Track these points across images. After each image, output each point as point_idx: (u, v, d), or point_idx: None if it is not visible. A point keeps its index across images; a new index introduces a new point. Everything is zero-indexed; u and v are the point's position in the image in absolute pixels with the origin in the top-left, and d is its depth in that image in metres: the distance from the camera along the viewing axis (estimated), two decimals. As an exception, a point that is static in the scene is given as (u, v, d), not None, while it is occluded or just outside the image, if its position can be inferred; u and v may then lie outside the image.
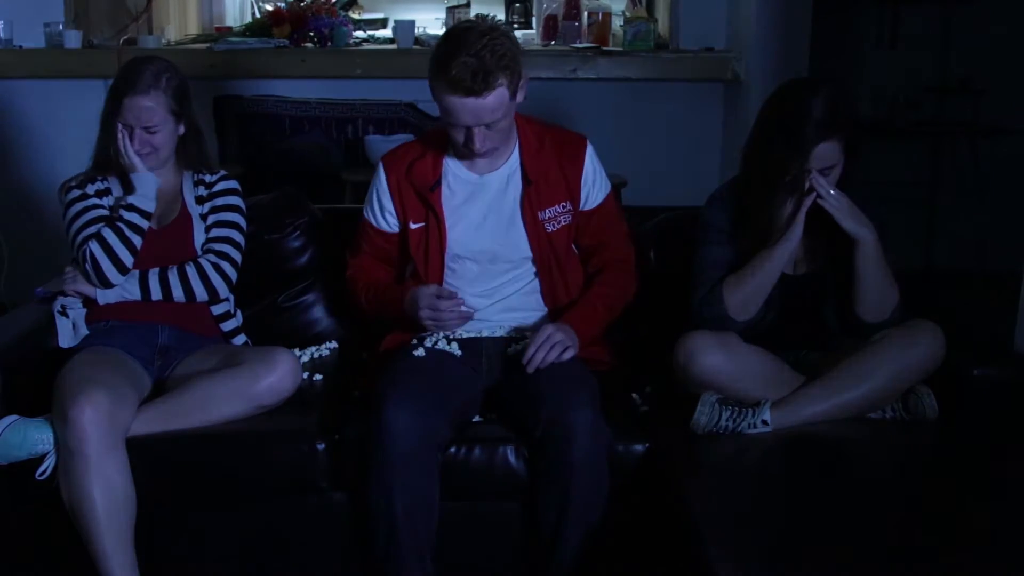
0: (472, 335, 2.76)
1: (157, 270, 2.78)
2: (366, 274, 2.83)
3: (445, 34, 2.64)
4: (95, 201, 2.83)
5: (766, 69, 4.25)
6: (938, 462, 2.48)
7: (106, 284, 2.74)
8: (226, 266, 2.83)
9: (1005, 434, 2.58)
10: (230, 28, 5.31)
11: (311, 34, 4.73)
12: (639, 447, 2.57)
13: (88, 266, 2.73)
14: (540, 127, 2.79)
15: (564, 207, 2.75)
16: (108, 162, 2.83)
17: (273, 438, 2.58)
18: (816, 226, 2.61)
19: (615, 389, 2.66)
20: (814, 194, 2.56)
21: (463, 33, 2.54)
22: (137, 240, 2.75)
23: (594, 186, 2.78)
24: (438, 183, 2.73)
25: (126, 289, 2.77)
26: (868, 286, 2.62)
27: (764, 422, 2.51)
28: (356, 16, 5.43)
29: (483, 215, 2.75)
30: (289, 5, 4.99)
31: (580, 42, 4.84)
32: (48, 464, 2.45)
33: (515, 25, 5.53)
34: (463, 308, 2.66)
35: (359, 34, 5.19)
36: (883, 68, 5.42)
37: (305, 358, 2.98)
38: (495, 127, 2.57)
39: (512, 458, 2.54)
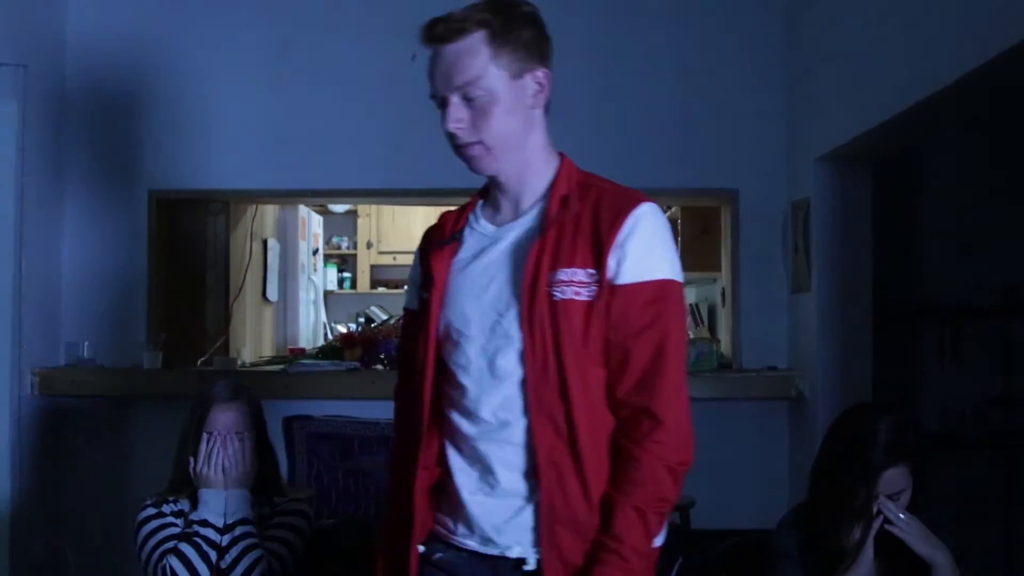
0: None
1: None
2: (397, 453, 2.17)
3: None
4: (171, 520, 2.87)
5: (830, 386, 4.28)
6: None
7: None
8: None
9: None
10: (303, 350, 5.49)
11: (381, 356, 4.85)
12: None
13: None
14: (600, 178, 2.03)
15: (590, 275, 1.91)
16: (184, 482, 2.88)
17: None
18: (890, 549, 2.56)
19: None
20: (882, 518, 2.54)
21: None
22: (213, 555, 2.78)
23: (635, 250, 1.91)
24: (457, 236, 2.07)
25: None
26: (949, 612, 2.54)
27: None
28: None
29: (485, 278, 1.99)
30: (360, 328, 5.16)
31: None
32: None
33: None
34: None
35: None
36: (948, 381, 5.42)
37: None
38: (474, 100, 1.92)
39: None
